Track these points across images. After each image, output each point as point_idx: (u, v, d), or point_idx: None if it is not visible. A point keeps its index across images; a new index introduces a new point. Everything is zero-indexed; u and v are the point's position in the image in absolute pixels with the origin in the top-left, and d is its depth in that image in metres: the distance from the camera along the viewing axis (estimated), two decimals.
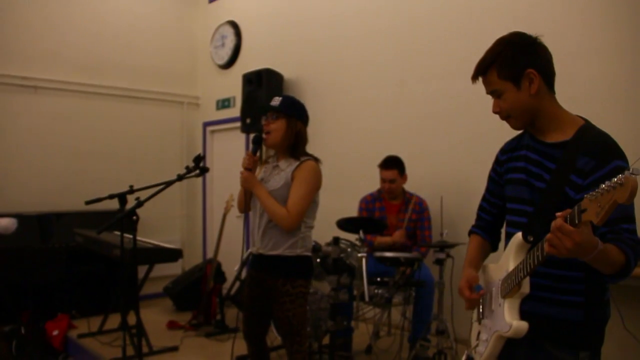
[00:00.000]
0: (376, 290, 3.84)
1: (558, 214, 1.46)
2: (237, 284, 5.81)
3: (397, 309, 4.58)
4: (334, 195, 5.50)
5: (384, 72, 5.32)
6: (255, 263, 3.04)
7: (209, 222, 7.52)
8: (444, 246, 3.85)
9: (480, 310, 2.04)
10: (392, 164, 4.42)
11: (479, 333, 2.05)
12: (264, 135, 2.94)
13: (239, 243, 6.71)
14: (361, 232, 3.88)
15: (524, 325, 1.70)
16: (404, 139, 5.02)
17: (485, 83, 1.82)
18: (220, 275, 5.53)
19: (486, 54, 1.83)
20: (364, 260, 3.71)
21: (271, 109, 2.93)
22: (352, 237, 4.07)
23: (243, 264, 5.02)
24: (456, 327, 3.90)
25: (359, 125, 5.52)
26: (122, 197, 3.05)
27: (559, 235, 1.43)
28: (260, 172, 3.08)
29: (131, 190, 3.11)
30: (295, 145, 2.94)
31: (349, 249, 3.95)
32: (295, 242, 2.91)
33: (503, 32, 4.72)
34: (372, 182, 4.69)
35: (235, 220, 6.10)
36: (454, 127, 4.72)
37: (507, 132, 4.29)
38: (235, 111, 6.97)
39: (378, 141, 5.24)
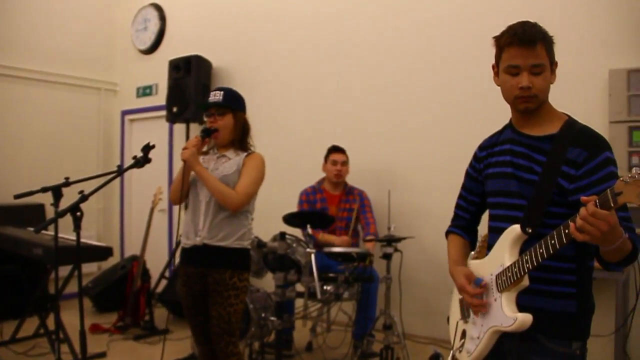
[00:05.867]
0: (325, 287, 3.74)
1: (584, 198, 1.45)
2: (165, 282, 5.53)
3: (335, 305, 4.53)
4: (270, 189, 5.35)
5: (321, 62, 5.22)
6: (192, 258, 2.87)
7: (127, 217, 7.08)
8: (391, 240, 3.82)
9: (465, 308, 1.99)
10: (343, 149, 4.48)
11: (463, 332, 2.00)
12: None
13: (162, 238, 6.47)
14: (308, 227, 3.77)
15: (528, 317, 1.68)
16: (346, 132, 4.94)
17: (531, 54, 1.71)
18: (145, 274, 5.20)
19: (532, 27, 1.73)
20: (313, 257, 3.61)
21: (216, 105, 2.87)
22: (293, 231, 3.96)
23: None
24: (404, 322, 3.89)
25: (296, 116, 5.38)
26: (56, 190, 2.71)
27: (592, 220, 1.41)
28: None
29: (67, 183, 2.78)
30: (242, 137, 2.95)
31: (294, 244, 3.84)
32: (244, 234, 2.87)
33: (446, 23, 4.77)
34: (309, 175, 4.58)
35: (156, 215, 5.74)
36: (398, 120, 4.72)
37: (450, 125, 4.39)
38: (157, 99, 6.61)
39: (317, 134, 5.13)
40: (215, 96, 2.88)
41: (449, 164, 4.39)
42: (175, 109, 5.81)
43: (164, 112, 6.12)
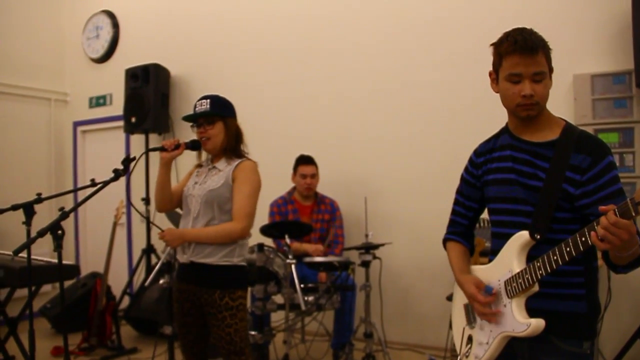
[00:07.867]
0: (306, 297, 3.68)
1: (603, 208, 1.47)
2: (128, 299, 5.32)
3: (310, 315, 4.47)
4: None
5: (286, 68, 5.15)
6: (184, 274, 2.78)
7: (82, 232, 6.78)
8: (369, 247, 3.81)
9: (471, 313, 1.99)
10: (312, 160, 4.40)
11: (469, 337, 2.00)
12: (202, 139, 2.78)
13: (122, 253, 6.22)
14: (287, 237, 3.69)
15: (541, 322, 1.70)
16: (316, 140, 4.88)
17: (533, 62, 1.72)
18: (109, 291, 4.97)
19: (532, 35, 1.75)
20: (293, 267, 3.54)
21: (204, 115, 2.75)
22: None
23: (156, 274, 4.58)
24: (385, 329, 3.87)
25: (262, 125, 5.26)
26: (28, 208, 2.55)
27: (614, 230, 1.44)
28: (192, 176, 2.89)
29: (39, 199, 2.62)
30: (236, 145, 2.84)
31: (271, 255, 3.76)
32: (232, 249, 2.71)
33: (421, 31, 4.78)
34: (280, 184, 4.51)
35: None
36: (370, 127, 4.70)
37: (423, 133, 4.42)
38: (112, 109, 6.38)
39: (285, 142, 5.05)
40: (202, 105, 2.75)
41: (422, 171, 4.42)
42: (133, 119, 5.62)
43: (119, 123, 5.93)
